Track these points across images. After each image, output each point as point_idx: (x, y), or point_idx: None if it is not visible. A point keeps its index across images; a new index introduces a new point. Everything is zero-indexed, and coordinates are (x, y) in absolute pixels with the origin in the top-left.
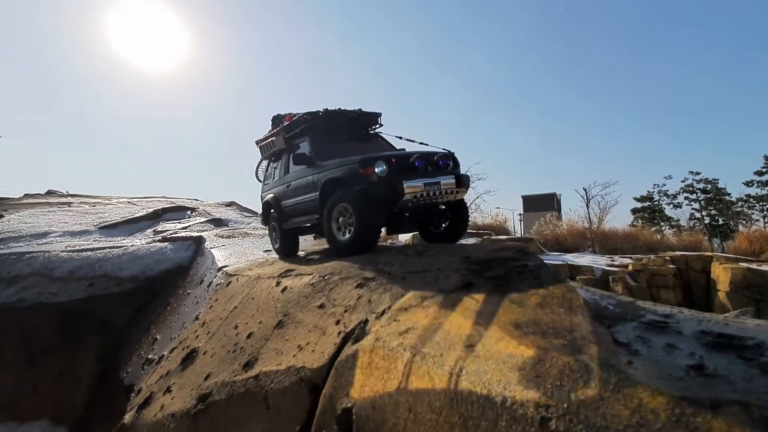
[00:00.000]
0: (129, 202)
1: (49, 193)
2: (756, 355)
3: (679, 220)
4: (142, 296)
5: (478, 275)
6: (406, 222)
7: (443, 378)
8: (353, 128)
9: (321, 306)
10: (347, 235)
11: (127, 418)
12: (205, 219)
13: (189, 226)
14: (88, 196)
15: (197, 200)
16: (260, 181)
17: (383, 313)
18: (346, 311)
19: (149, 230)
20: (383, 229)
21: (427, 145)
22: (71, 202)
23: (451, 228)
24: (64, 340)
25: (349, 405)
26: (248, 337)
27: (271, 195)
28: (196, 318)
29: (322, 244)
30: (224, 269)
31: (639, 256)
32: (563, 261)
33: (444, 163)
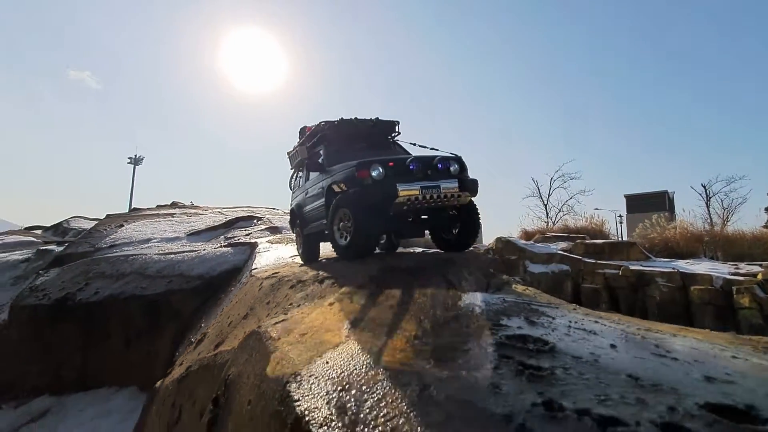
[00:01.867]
0: (219, 212)
1: (174, 203)
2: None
3: None
4: (205, 292)
5: (376, 282)
6: (412, 227)
7: (266, 362)
8: (370, 137)
9: (268, 303)
10: (347, 240)
11: (158, 383)
12: (265, 227)
13: (251, 233)
14: (196, 207)
15: (275, 209)
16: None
17: (288, 309)
18: (275, 306)
19: (222, 237)
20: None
21: (438, 150)
22: (174, 213)
23: (460, 234)
24: (150, 326)
25: (229, 374)
26: (228, 324)
27: (296, 203)
28: (222, 310)
29: None
30: (253, 271)
31: None
32: (673, 268)
33: (444, 166)
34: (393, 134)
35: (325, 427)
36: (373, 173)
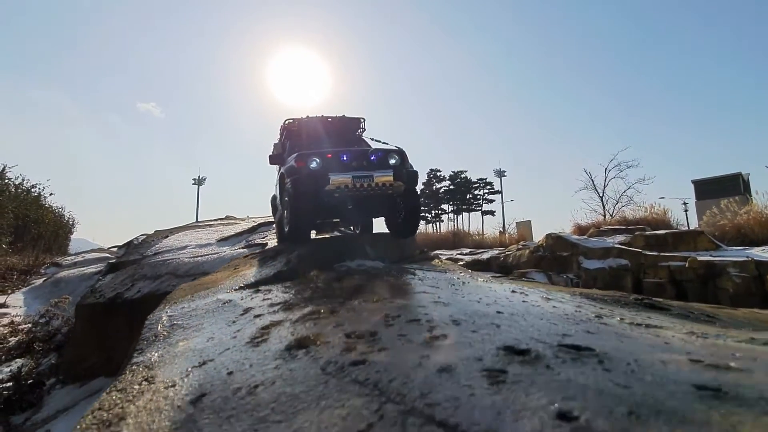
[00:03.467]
0: (252, 221)
1: (227, 217)
2: None
3: None
4: None
5: (276, 253)
6: (351, 213)
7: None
8: (336, 133)
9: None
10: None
11: None
12: None
13: (267, 236)
14: (237, 219)
15: None
16: None
17: (210, 273)
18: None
19: (244, 241)
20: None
21: (387, 144)
22: (212, 224)
23: (403, 221)
24: None
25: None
26: None
27: (272, 195)
28: None
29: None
30: None
31: None
32: (747, 257)
33: (377, 157)
34: (358, 130)
35: (155, 323)
36: (311, 164)
